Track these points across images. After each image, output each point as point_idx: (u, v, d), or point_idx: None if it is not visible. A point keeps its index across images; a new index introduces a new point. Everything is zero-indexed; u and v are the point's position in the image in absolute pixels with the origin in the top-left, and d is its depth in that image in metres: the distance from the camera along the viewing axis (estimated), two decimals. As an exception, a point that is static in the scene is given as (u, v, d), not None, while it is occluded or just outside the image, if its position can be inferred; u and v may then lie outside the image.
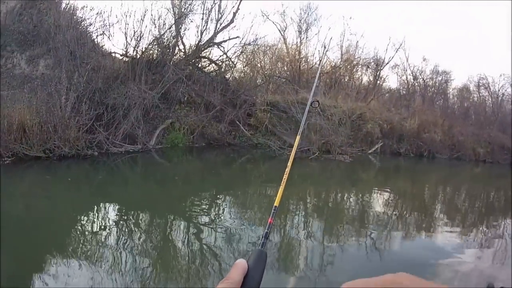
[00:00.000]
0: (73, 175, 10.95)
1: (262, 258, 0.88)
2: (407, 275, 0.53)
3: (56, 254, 5.34)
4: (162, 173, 12.44)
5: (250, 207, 8.90)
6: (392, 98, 25.21)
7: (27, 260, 5.10)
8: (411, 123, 21.53)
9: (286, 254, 5.97)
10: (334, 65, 23.43)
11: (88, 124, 13.22)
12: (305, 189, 11.27)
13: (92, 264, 4.91)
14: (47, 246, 5.68)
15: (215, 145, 17.38)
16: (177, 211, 8.04)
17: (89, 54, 15.19)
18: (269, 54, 21.96)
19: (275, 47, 22.48)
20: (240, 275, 0.74)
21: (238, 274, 0.74)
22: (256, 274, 0.80)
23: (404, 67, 24.85)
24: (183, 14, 17.50)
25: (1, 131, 10.78)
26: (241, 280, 0.74)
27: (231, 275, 0.74)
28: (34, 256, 5.24)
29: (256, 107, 18.57)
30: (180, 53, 18.17)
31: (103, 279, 4.51)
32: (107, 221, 7.12)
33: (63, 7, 16.09)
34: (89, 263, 4.93)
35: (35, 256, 5.24)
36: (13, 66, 14.48)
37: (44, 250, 5.50)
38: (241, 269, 0.76)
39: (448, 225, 8.53)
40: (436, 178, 16.33)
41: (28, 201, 8.04)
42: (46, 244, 5.76)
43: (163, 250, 5.78)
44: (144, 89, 15.47)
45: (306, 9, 23.42)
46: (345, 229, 7.53)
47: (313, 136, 17.19)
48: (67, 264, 4.92)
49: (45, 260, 5.09)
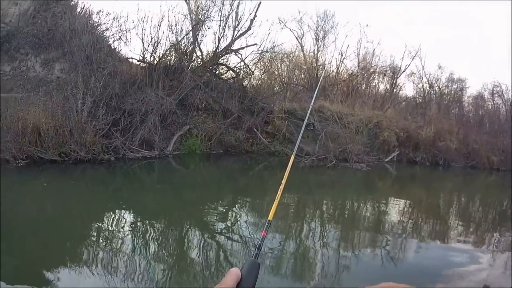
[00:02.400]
0: (89, 179, 10.62)
1: (255, 268, 0.92)
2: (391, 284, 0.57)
3: (68, 257, 5.16)
4: (178, 179, 12.08)
5: (266, 214, 8.14)
6: (409, 106, 24.36)
7: (38, 262, 4.92)
8: (427, 132, 20.72)
9: (301, 259, 5.86)
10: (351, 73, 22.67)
11: (104, 129, 12.66)
12: (322, 197, 10.89)
13: (104, 267, 4.74)
14: (59, 249, 5.47)
15: (233, 152, 16.75)
16: (192, 217, 7.77)
17: (105, 59, 14.58)
18: (287, 62, 21.25)
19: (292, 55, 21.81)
20: (233, 283, 0.78)
21: (231, 281, 0.78)
22: (248, 283, 0.84)
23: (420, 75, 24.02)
24: (200, 21, 16.83)
25: (6, 133, 10.37)
26: (234, 287, 0.77)
27: (224, 281, 0.77)
28: (46, 258, 5.07)
29: (274, 114, 17.84)
30: (197, 60, 17.52)
31: (115, 282, 4.35)
32: (121, 225, 6.88)
33: (78, 11, 15.52)
34: (101, 266, 4.77)
35: (47, 258, 5.08)
36: (27, 69, 13.89)
37: (56, 252, 5.33)
38: (234, 277, 0.79)
39: (461, 234, 8.15)
40: (451, 187, 15.76)
41: (41, 203, 7.79)
42: (58, 247, 5.54)
43: (176, 255, 5.62)
44: (161, 95, 14.81)
45: (323, 17, 22.77)
46: (360, 236, 7.34)
47: (330, 144, 16.61)
48: (79, 266, 4.76)
49: (57, 263, 4.91)
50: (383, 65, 23.42)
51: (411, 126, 20.86)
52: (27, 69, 13.86)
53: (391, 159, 19.76)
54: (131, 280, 4.46)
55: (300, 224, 7.75)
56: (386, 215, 9.22)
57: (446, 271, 5.50)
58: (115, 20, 15.40)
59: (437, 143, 20.79)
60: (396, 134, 19.81)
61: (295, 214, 8.53)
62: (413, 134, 20.44)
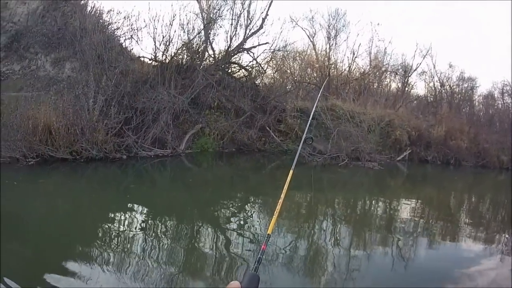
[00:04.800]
0: (101, 177, 10.39)
1: (255, 281, 0.98)
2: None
3: (79, 255, 4.99)
4: (191, 177, 11.77)
5: (280, 213, 7.74)
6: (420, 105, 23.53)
7: (48, 260, 4.78)
8: (438, 131, 19.93)
9: (312, 257, 5.70)
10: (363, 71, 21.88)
11: (116, 128, 12.11)
12: (334, 195, 10.65)
13: (114, 265, 4.62)
14: (70, 247, 5.29)
15: (245, 150, 16.10)
16: (204, 217, 7.52)
17: (117, 57, 13.89)
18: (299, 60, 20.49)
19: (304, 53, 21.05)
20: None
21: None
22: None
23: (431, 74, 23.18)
24: (212, 20, 16.13)
25: (16, 132, 10.07)
26: None
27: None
28: (57, 256, 4.89)
29: (286, 113, 17.05)
30: (209, 58, 16.79)
31: (126, 280, 4.23)
32: (131, 223, 6.67)
33: (88, 10, 14.90)
34: (111, 264, 4.64)
35: (57, 256, 4.89)
36: (37, 68, 13.30)
37: (66, 250, 5.14)
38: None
39: (471, 234, 7.82)
40: (462, 186, 15.26)
41: (52, 201, 7.58)
42: (68, 245, 5.37)
43: (188, 254, 5.41)
44: (173, 93, 14.13)
45: (335, 15, 21.87)
46: (371, 235, 7.12)
47: (342, 143, 15.91)
48: (90, 264, 4.60)
49: (67, 260, 4.69)
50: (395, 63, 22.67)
51: (422, 125, 20.13)
52: (37, 68, 13.28)
53: (403, 158, 19.01)
54: (140, 278, 4.31)
55: (312, 223, 7.60)
56: (397, 215, 8.94)
57: (455, 272, 5.36)
58: (126, 19, 14.77)
59: (448, 142, 20.03)
60: (408, 133, 19.09)
61: (307, 213, 8.34)
62: (425, 133, 19.73)
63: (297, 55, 20.25)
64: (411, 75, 22.96)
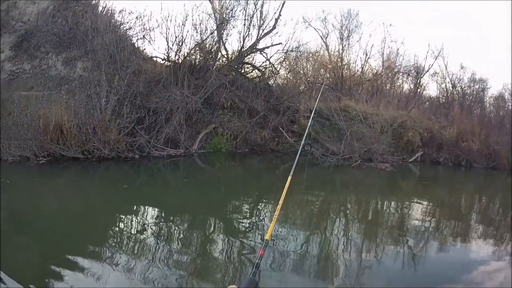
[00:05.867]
0: (112, 176, 10.20)
1: (253, 285, 0.99)
2: None
3: (88, 254, 4.84)
4: (204, 177, 11.50)
5: (292, 213, 8.07)
6: (432, 106, 22.81)
7: (57, 258, 4.63)
8: (450, 132, 19.32)
9: (324, 258, 5.56)
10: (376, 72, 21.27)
11: (129, 127, 11.74)
12: (346, 196, 10.45)
13: (124, 264, 4.47)
14: (80, 245, 5.14)
15: (258, 151, 15.62)
16: (215, 217, 7.31)
17: (129, 57, 13.50)
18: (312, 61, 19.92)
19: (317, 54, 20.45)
20: None
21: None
22: None
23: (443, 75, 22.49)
24: (225, 20, 15.67)
25: (26, 131, 9.83)
26: None
27: None
28: (66, 254, 4.72)
29: (300, 113, 16.43)
30: (222, 59, 16.30)
31: (136, 280, 4.15)
32: (142, 222, 6.53)
33: (99, 10, 14.51)
34: (121, 263, 4.50)
35: (67, 254, 4.72)
36: (48, 67, 12.88)
37: (76, 248, 4.98)
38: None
39: (481, 236, 7.66)
40: (473, 188, 14.86)
41: (63, 200, 7.44)
42: (78, 243, 5.23)
43: (196, 255, 5.27)
44: (186, 93, 13.64)
45: (347, 16, 21.29)
46: (382, 237, 6.94)
47: (355, 144, 15.37)
48: (99, 263, 4.46)
49: (76, 259, 4.58)
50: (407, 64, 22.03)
51: (434, 126, 19.49)
52: (48, 68, 12.88)
53: (415, 159, 18.43)
54: (147, 279, 4.20)
55: (323, 224, 7.51)
56: (409, 216, 8.76)
57: (465, 274, 5.26)
58: (138, 19, 14.34)
59: (459, 143, 19.39)
60: (420, 134, 18.47)
61: (319, 213, 8.26)
62: (437, 134, 19.10)
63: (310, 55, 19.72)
64: (423, 76, 22.34)
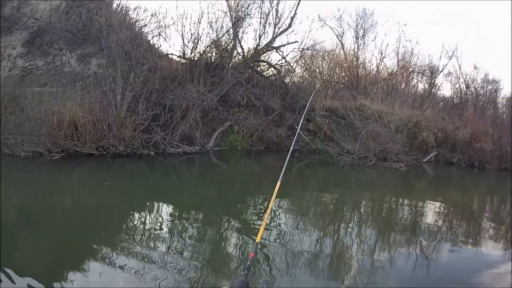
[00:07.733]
0: (127, 172, 9.91)
1: (244, 286, 1.02)
2: None
3: (100, 250, 4.68)
4: (219, 175, 11.14)
5: (306, 211, 7.95)
6: (446, 106, 21.95)
7: (71, 254, 4.52)
8: (464, 133, 18.48)
9: (336, 257, 5.35)
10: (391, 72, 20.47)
11: (144, 124, 11.23)
12: (360, 196, 10.09)
13: (138, 262, 4.23)
14: (92, 242, 4.91)
15: (274, 149, 14.98)
16: (229, 215, 6.99)
17: (144, 54, 12.87)
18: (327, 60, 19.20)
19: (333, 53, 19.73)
20: None
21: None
22: None
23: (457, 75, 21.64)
24: (240, 18, 15.05)
25: (40, 126, 9.45)
26: None
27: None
28: (78, 251, 4.65)
29: (315, 112, 15.78)
30: (238, 56, 15.69)
31: (148, 278, 3.90)
32: (157, 219, 6.38)
33: (114, 7, 13.87)
34: (135, 261, 4.25)
35: (79, 251, 4.65)
36: (62, 63, 12.29)
37: (88, 246, 4.79)
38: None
39: (493, 238, 7.30)
40: (485, 189, 14.17)
41: (77, 195, 7.32)
42: (91, 240, 4.99)
43: (212, 251, 5.11)
44: (202, 91, 13.04)
45: (362, 15, 20.52)
46: (395, 237, 6.68)
47: (370, 143, 14.74)
48: (112, 260, 4.26)
49: (89, 255, 4.42)
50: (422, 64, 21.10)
51: (448, 126, 18.69)
52: (61, 64, 12.30)
53: (429, 159, 17.66)
54: (157, 277, 3.95)
55: (336, 222, 7.28)
56: (422, 216, 8.44)
57: (476, 275, 5.10)
58: (154, 17, 13.68)
59: (473, 144, 18.51)
60: (434, 134, 17.73)
61: (333, 212, 8.02)
62: (451, 134, 18.33)
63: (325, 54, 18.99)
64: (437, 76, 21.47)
